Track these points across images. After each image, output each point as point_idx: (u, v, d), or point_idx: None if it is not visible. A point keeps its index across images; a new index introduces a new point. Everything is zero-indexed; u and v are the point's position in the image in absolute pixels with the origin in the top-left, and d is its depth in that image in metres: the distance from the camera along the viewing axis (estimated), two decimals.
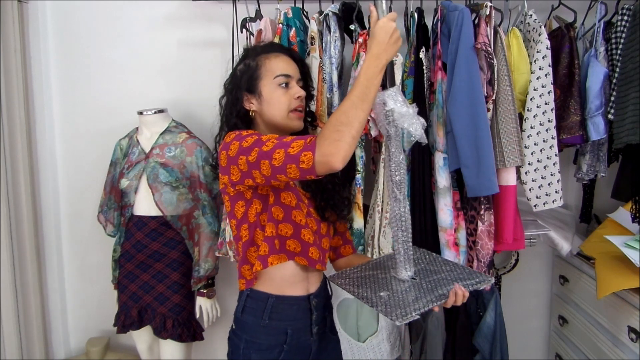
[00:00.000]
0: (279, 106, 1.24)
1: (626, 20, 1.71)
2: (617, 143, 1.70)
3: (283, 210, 1.19)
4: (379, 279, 1.21)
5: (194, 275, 1.84)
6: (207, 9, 2.05)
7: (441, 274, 1.20)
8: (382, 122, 1.14)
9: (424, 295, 1.11)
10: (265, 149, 1.07)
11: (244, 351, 1.21)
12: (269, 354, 1.20)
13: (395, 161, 1.14)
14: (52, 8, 2.09)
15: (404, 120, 1.10)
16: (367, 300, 1.11)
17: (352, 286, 1.18)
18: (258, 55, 1.28)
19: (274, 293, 1.21)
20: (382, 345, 1.93)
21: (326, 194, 1.30)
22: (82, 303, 2.26)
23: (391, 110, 1.11)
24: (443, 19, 1.66)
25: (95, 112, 2.14)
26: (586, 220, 2.13)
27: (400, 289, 1.14)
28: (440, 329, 1.88)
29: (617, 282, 1.60)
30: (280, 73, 1.24)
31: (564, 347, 2.11)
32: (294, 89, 1.26)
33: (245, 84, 1.25)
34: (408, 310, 1.04)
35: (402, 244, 1.19)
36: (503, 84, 1.60)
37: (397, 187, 1.16)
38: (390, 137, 1.14)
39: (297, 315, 1.23)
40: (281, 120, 1.25)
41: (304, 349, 1.25)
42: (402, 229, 1.19)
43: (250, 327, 1.21)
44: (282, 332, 1.21)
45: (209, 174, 1.84)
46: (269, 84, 1.24)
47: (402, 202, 1.17)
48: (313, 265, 1.22)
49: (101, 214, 1.96)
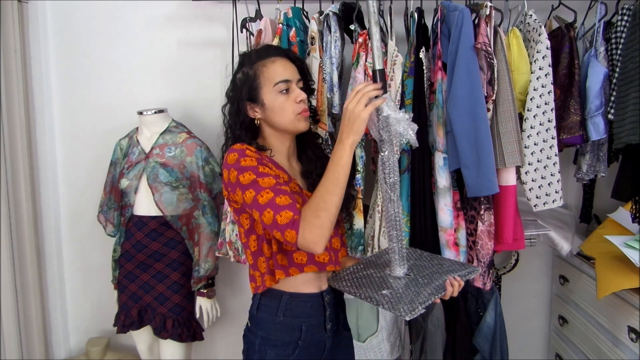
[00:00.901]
0: (283, 113, 1.24)
1: (626, 20, 1.71)
2: (617, 143, 1.70)
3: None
4: (375, 278, 1.24)
5: (194, 275, 1.84)
6: (207, 9, 2.05)
7: (432, 268, 1.26)
8: (374, 127, 1.18)
9: (422, 289, 1.15)
10: (260, 200, 1.11)
11: (260, 348, 1.23)
12: (284, 350, 1.22)
13: (389, 164, 1.19)
14: (52, 8, 2.09)
15: (400, 125, 1.15)
16: (372, 300, 1.14)
17: (352, 287, 1.21)
18: (254, 63, 1.26)
19: (288, 291, 1.24)
20: (382, 345, 1.93)
21: None
22: (82, 303, 2.26)
23: (387, 116, 1.15)
24: (443, 19, 1.66)
25: (95, 112, 2.14)
26: (586, 220, 2.13)
27: (399, 286, 1.18)
28: (440, 329, 1.88)
29: (617, 282, 1.60)
30: (280, 80, 1.23)
31: (564, 347, 2.11)
32: (295, 93, 1.25)
33: (246, 94, 1.25)
34: (414, 305, 1.08)
35: (397, 242, 1.23)
36: (503, 84, 1.60)
37: (391, 188, 1.20)
38: (383, 141, 1.18)
39: (310, 312, 1.25)
40: (288, 125, 1.25)
41: (318, 345, 1.27)
42: (396, 229, 1.23)
43: (266, 324, 1.24)
44: (297, 329, 1.23)
45: (209, 174, 1.84)
46: (269, 92, 1.24)
47: (396, 203, 1.21)
48: (323, 268, 1.25)
49: (101, 214, 1.96)
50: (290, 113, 1.24)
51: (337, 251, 1.32)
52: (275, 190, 1.11)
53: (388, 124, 1.16)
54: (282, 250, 1.21)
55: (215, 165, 1.88)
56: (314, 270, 1.24)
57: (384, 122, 1.16)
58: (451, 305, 1.89)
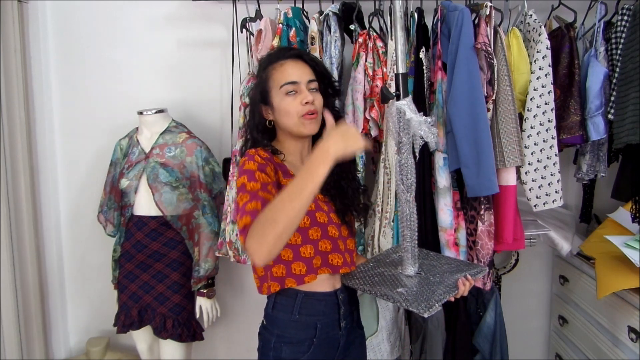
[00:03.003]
0: (288, 115, 1.25)
1: (626, 20, 1.71)
2: (617, 143, 1.70)
3: (300, 235, 1.21)
4: (387, 276, 1.26)
5: (194, 275, 1.84)
6: (207, 9, 2.05)
7: (441, 267, 1.30)
8: (395, 129, 1.20)
9: (436, 287, 1.18)
10: (239, 203, 1.13)
11: (275, 345, 1.24)
12: (299, 348, 1.24)
13: (407, 165, 1.22)
14: (52, 8, 2.09)
15: (421, 128, 1.17)
16: (388, 297, 1.16)
17: (366, 285, 1.23)
18: (267, 67, 1.29)
19: (303, 290, 1.25)
20: (382, 345, 1.93)
21: (347, 199, 1.32)
22: (82, 303, 2.26)
23: (410, 119, 1.17)
24: (443, 19, 1.66)
25: (95, 112, 2.14)
26: (586, 220, 2.13)
27: (412, 284, 1.21)
28: (440, 329, 1.88)
29: (617, 282, 1.60)
30: (285, 82, 1.24)
31: (564, 347, 2.11)
32: (302, 95, 1.24)
33: (260, 97, 1.28)
34: (431, 303, 1.10)
35: (410, 242, 1.26)
36: (503, 84, 1.60)
37: (407, 189, 1.23)
38: (402, 143, 1.20)
39: (325, 310, 1.26)
40: (293, 127, 1.26)
41: (333, 343, 1.28)
42: (410, 228, 1.26)
43: (281, 322, 1.25)
44: (312, 327, 1.24)
45: (209, 174, 1.84)
46: (277, 94, 1.25)
47: (411, 204, 1.24)
48: (337, 271, 1.27)
49: (101, 214, 1.96)
50: (294, 115, 1.24)
51: (351, 252, 1.33)
52: (252, 195, 1.12)
53: (409, 126, 1.18)
54: (300, 257, 1.22)
55: (215, 165, 1.88)
56: (327, 273, 1.26)
57: (405, 124, 1.18)
58: (451, 305, 1.88)
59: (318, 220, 1.23)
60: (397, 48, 1.20)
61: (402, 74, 1.19)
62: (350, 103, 1.71)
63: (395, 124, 1.20)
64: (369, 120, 1.71)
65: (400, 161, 1.22)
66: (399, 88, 1.20)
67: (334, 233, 1.26)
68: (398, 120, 1.19)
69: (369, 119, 1.71)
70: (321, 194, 1.28)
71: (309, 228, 1.22)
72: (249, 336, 1.43)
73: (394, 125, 1.20)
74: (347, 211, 1.32)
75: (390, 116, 1.21)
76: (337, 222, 1.28)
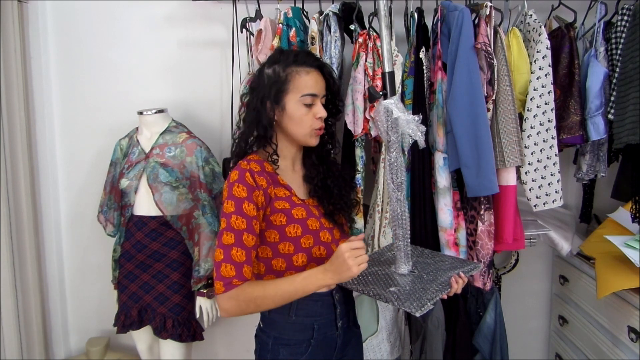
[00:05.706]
0: (301, 125, 1.23)
1: (626, 20, 1.71)
2: (617, 143, 1.70)
3: (292, 244, 1.21)
4: (381, 275, 1.26)
5: (194, 275, 1.84)
6: (207, 9, 2.05)
7: (435, 265, 1.29)
8: (384, 128, 1.20)
9: (429, 285, 1.17)
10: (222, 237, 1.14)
11: (273, 347, 1.24)
12: (297, 349, 1.24)
13: (396, 164, 1.21)
14: (52, 8, 2.09)
15: (409, 127, 1.17)
16: (380, 297, 1.16)
17: (359, 285, 1.23)
18: (289, 66, 1.22)
19: None
20: (382, 345, 1.93)
21: (333, 198, 1.31)
22: (82, 303, 2.26)
23: (397, 118, 1.17)
24: (443, 19, 1.66)
25: (95, 112, 2.14)
26: (586, 220, 2.13)
27: (405, 283, 1.20)
28: (440, 329, 1.88)
29: (617, 282, 1.60)
30: (308, 92, 1.21)
31: (564, 347, 2.11)
32: (316, 108, 1.23)
33: (272, 94, 1.22)
34: (423, 301, 1.10)
35: (402, 241, 1.25)
36: (503, 84, 1.60)
37: (398, 188, 1.22)
38: (391, 142, 1.20)
39: (322, 310, 1.26)
40: (301, 138, 1.25)
41: (331, 343, 1.28)
42: (402, 227, 1.25)
43: (278, 324, 1.25)
44: (309, 328, 1.24)
45: (209, 174, 1.84)
46: (293, 99, 1.21)
47: (402, 202, 1.24)
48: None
49: (101, 214, 1.96)
50: (308, 127, 1.23)
51: None
52: (237, 239, 1.13)
53: (397, 125, 1.18)
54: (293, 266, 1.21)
55: (215, 165, 1.88)
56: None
57: (393, 123, 1.18)
58: (451, 305, 1.89)
59: (310, 228, 1.22)
60: (383, 47, 1.20)
61: (389, 73, 1.19)
62: (350, 103, 1.71)
63: (383, 123, 1.19)
64: (369, 120, 1.71)
65: (389, 160, 1.21)
66: (386, 87, 1.20)
67: (327, 238, 1.25)
68: (386, 119, 1.19)
69: (369, 119, 1.71)
70: (311, 198, 1.28)
71: (301, 237, 1.20)
72: (248, 336, 1.43)
73: (382, 125, 1.20)
74: (336, 212, 1.31)
75: (378, 115, 1.21)
76: (329, 227, 1.27)
